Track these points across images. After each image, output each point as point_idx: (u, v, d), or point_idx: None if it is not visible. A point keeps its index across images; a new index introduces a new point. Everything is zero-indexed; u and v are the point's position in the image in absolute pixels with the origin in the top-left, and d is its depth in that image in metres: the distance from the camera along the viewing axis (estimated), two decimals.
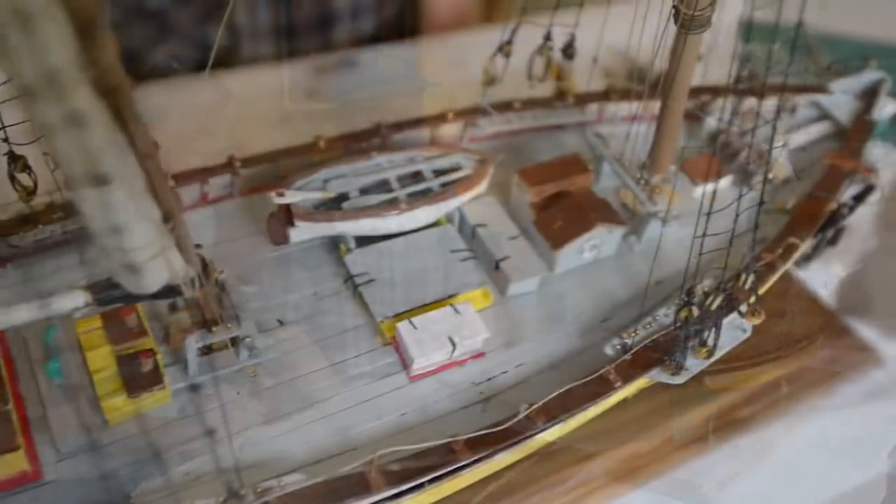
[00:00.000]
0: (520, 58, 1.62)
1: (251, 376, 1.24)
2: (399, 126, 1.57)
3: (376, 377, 1.26)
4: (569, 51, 1.58)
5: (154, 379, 1.17)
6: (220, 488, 1.05)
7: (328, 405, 1.22)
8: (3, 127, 1.22)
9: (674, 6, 1.22)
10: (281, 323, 1.30)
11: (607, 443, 1.57)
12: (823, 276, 1.72)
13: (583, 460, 1.57)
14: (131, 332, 1.22)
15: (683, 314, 1.17)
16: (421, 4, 2.64)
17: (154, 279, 1.05)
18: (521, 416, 1.16)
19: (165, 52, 2.31)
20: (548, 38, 1.54)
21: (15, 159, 1.26)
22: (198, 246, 1.15)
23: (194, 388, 1.19)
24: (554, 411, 1.18)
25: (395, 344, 1.30)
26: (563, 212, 1.39)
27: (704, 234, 1.09)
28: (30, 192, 1.32)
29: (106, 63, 0.86)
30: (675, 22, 1.23)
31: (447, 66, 2.47)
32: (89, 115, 0.85)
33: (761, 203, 1.22)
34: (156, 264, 1.03)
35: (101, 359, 1.19)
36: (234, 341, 1.24)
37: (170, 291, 1.10)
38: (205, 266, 1.14)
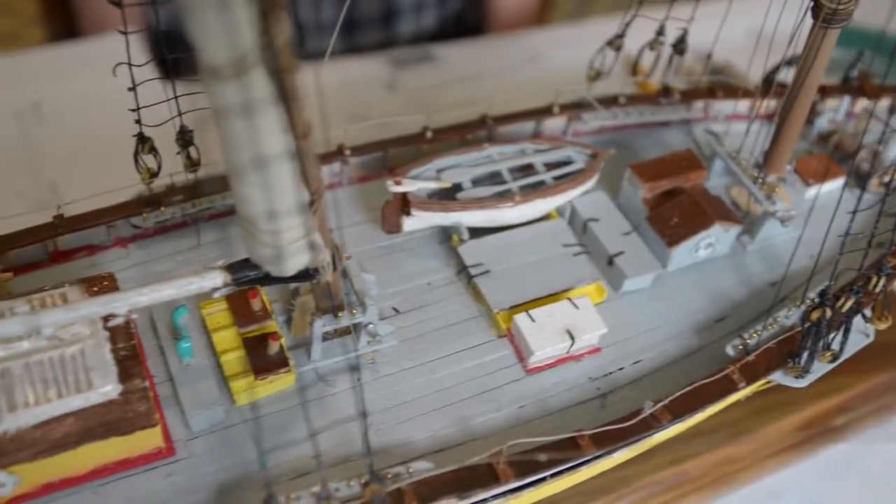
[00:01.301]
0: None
1: (369, 363, 1.25)
2: (505, 118, 1.56)
3: (493, 369, 1.26)
4: (680, 46, 1.56)
5: (280, 362, 1.18)
6: (349, 472, 1.06)
7: (447, 395, 1.22)
8: (137, 108, 1.25)
9: (814, 0, 1.20)
10: (396, 311, 1.30)
11: (702, 445, 1.56)
12: None
13: (677, 462, 1.56)
14: (256, 314, 1.23)
15: (816, 315, 1.14)
16: (485, 2, 2.64)
17: (296, 262, 1.06)
18: (646, 413, 1.15)
19: None
20: (660, 32, 1.53)
21: (143, 141, 1.29)
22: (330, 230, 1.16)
23: (321, 376, 1.20)
24: (678, 409, 1.17)
25: (511, 336, 1.30)
26: (678, 208, 1.38)
27: (847, 234, 1.07)
28: (152, 175, 1.34)
29: (280, 44, 0.87)
30: (814, 16, 1.20)
31: (522, 62, 2.47)
32: (264, 97, 0.85)
33: (883, 201, 1.19)
34: (299, 247, 1.04)
35: (228, 340, 1.21)
36: (355, 328, 1.25)
37: (305, 274, 1.11)
38: (336, 250, 1.15)
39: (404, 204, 1.36)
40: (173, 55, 1.27)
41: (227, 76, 0.82)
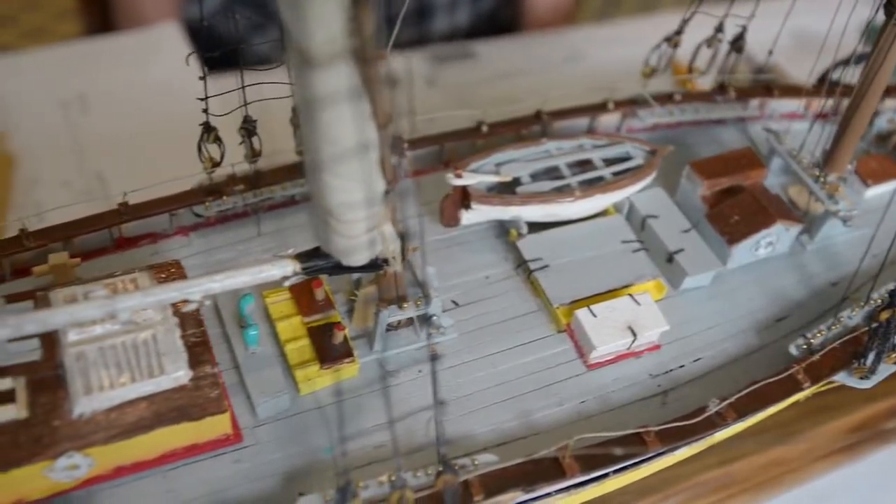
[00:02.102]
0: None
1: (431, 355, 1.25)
2: (559, 114, 1.56)
3: (553, 363, 1.26)
4: (737, 43, 1.55)
5: (345, 351, 1.19)
6: (414, 462, 1.06)
7: (508, 388, 1.22)
8: (206, 98, 1.26)
9: None
10: (456, 304, 1.31)
11: (750, 446, 1.54)
12: None
13: (724, 463, 1.55)
14: (319, 304, 1.23)
15: (885, 315, 1.13)
16: (519, 1, 2.64)
17: (367, 251, 1.06)
18: (712, 411, 1.14)
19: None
20: (719, 29, 1.52)
21: (209, 130, 1.30)
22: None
23: (385, 369, 1.20)
24: (743, 408, 1.16)
25: (570, 331, 1.29)
26: (739, 206, 1.37)
27: None
28: (215, 164, 1.35)
29: (366, 33, 0.87)
30: (887, 14, 1.19)
31: (561, 59, 2.47)
32: (355, 86, 0.86)
33: None
34: (371, 237, 1.05)
35: (292, 329, 1.22)
36: (417, 320, 1.25)
37: (374, 265, 1.11)
38: (403, 242, 1.15)
39: (464, 197, 1.36)
40: (234, 45, 1.27)
41: (322, 63, 0.83)
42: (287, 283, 1.09)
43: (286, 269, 1.09)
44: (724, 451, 1.50)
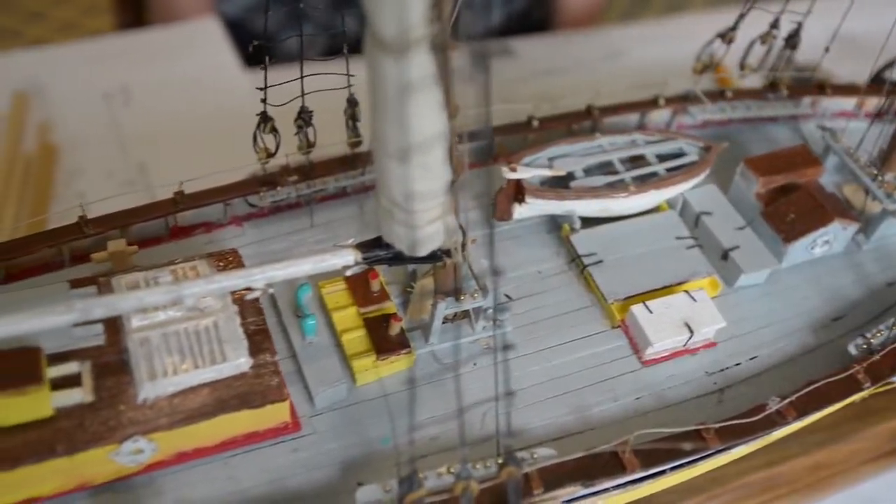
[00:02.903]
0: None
1: (485, 348, 1.25)
2: (610, 109, 1.55)
3: (608, 359, 1.25)
4: (792, 40, 1.54)
5: (402, 342, 1.19)
6: (473, 455, 1.05)
7: (563, 383, 1.22)
8: (265, 87, 1.26)
9: None
10: (509, 298, 1.30)
11: (797, 448, 1.53)
12: None
13: (770, 464, 1.53)
14: (375, 295, 1.24)
15: None
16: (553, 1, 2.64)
17: (430, 242, 1.06)
18: (772, 410, 1.13)
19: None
20: (774, 25, 1.50)
21: (266, 120, 1.30)
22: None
23: (438, 358, 1.20)
24: (804, 407, 1.15)
25: (625, 327, 1.29)
26: (795, 204, 1.35)
27: None
28: (269, 155, 1.36)
29: (443, 21, 0.87)
30: None
31: (600, 57, 2.46)
32: (431, 74, 0.86)
33: None
34: (435, 227, 1.04)
35: (348, 320, 1.22)
36: (473, 312, 1.25)
37: (434, 256, 1.11)
38: (463, 233, 1.15)
39: (518, 191, 1.36)
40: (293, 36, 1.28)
41: (401, 51, 0.83)
42: (349, 273, 1.10)
43: (347, 258, 1.09)
44: (770, 452, 1.48)
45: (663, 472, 1.14)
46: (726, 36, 1.51)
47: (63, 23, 3.73)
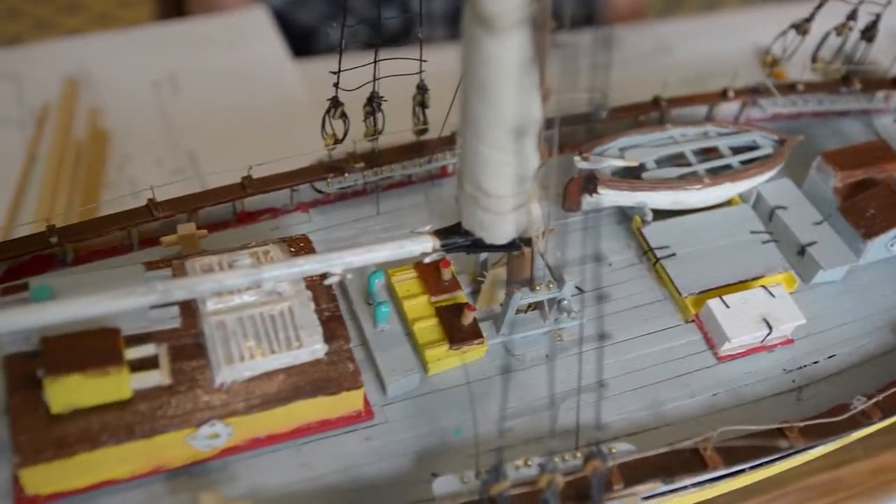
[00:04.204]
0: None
1: (557, 340, 1.23)
2: (678, 101, 1.52)
3: (682, 354, 1.22)
4: (869, 32, 1.49)
5: (474, 332, 1.17)
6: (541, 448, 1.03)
7: (638, 377, 1.19)
8: (338, 71, 1.24)
9: None
10: (580, 290, 1.28)
11: (859, 451, 1.49)
12: None
13: (832, 467, 1.49)
14: (446, 284, 1.21)
15: None
16: None
17: (512, 229, 1.04)
18: (856, 409, 1.10)
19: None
20: (852, 16, 1.46)
21: (336, 105, 1.29)
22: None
23: (509, 350, 1.18)
24: (889, 407, 1.11)
25: (699, 321, 1.26)
26: (875, 199, 1.31)
27: None
28: (336, 141, 1.34)
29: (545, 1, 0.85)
30: None
31: (649, 52, 2.42)
32: (530, 56, 0.84)
33: None
34: (518, 215, 1.02)
35: (419, 308, 1.20)
36: (542, 303, 1.22)
37: (513, 244, 1.09)
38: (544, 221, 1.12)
39: (589, 181, 1.33)
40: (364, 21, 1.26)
41: (502, 29, 0.80)
42: (427, 260, 1.08)
43: (426, 245, 1.07)
44: (832, 454, 1.45)
45: (742, 471, 1.11)
46: (801, 27, 1.48)
47: (99, 14, 3.76)
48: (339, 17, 2.44)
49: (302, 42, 2.24)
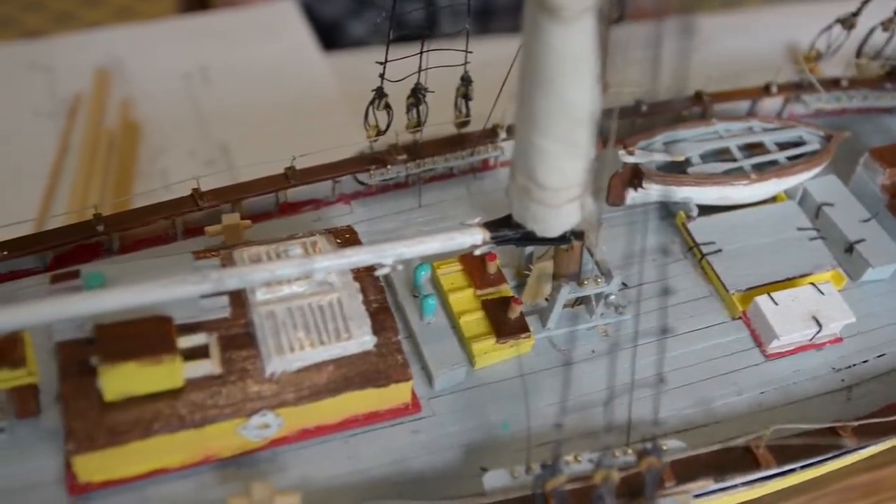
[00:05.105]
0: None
1: (603, 335, 1.22)
2: (720, 96, 1.50)
3: (729, 351, 1.21)
4: None
5: (522, 326, 1.16)
6: (593, 444, 1.02)
7: (685, 374, 1.18)
8: (385, 62, 1.23)
9: None
10: (625, 286, 1.26)
11: None
12: None
13: (874, 468, 1.47)
14: (492, 278, 1.21)
15: None
16: None
17: (565, 222, 1.03)
18: None
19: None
20: None
21: (381, 96, 1.28)
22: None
23: (555, 344, 1.17)
24: None
25: (746, 318, 1.24)
26: None
27: None
28: (378, 133, 1.34)
29: None
30: None
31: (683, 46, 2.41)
32: (594, 46, 0.82)
33: None
34: (573, 208, 1.01)
35: (465, 301, 1.19)
36: (588, 298, 1.21)
37: (562, 238, 1.08)
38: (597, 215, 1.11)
39: (633, 175, 1.32)
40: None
41: (570, 18, 0.79)
42: (477, 252, 1.07)
43: (476, 237, 1.06)
44: (874, 455, 1.44)
45: (792, 470, 1.10)
46: (847, 21, 1.46)
47: (119, 7, 3.77)
48: (362, 11, 2.44)
49: (326, 36, 2.24)
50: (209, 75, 2.07)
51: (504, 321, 1.16)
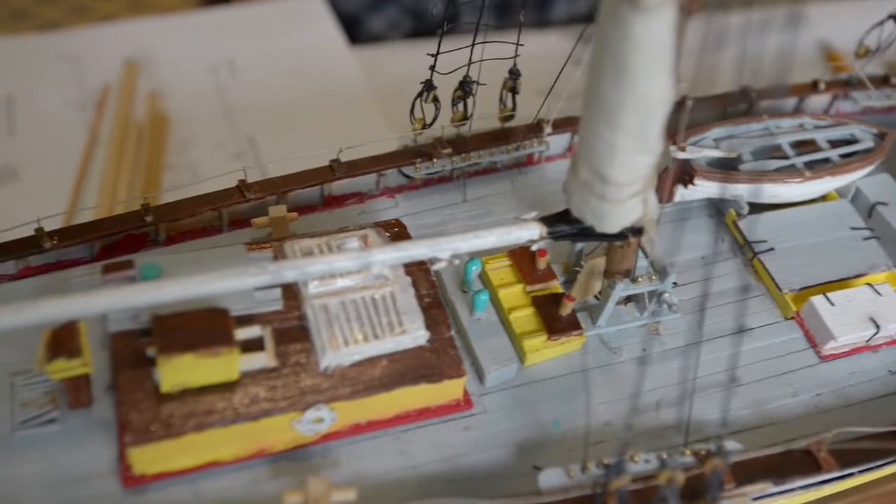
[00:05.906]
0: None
1: (653, 334, 1.20)
2: (767, 92, 1.48)
3: (783, 352, 1.19)
4: None
5: (573, 323, 1.14)
6: (653, 443, 1.00)
7: (739, 374, 1.15)
8: (436, 53, 1.22)
9: None
10: (675, 284, 1.24)
11: None
12: None
13: None
14: (541, 274, 1.19)
15: None
16: None
17: (626, 218, 1.01)
18: None
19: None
20: None
21: (430, 88, 1.26)
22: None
23: (605, 342, 1.15)
24: None
25: (800, 318, 1.22)
26: None
27: None
28: (423, 126, 1.32)
29: None
30: None
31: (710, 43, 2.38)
32: (673, 37, 0.80)
33: None
34: (635, 203, 0.99)
35: (515, 298, 1.17)
36: (640, 296, 1.19)
37: (620, 234, 1.06)
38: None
39: (684, 172, 1.30)
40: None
41: (650, 7, 0.77)
42: (535, 248, 1.05)
43: (533, 232, 1.04)
44: None
45: (851, 474, 1.08)
46: None
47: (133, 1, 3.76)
48: (381, 6, 2.41)
49: (347, 30, 2.23)
50: (236, 68, 2.06)
51: (555, 318, 1.14)
